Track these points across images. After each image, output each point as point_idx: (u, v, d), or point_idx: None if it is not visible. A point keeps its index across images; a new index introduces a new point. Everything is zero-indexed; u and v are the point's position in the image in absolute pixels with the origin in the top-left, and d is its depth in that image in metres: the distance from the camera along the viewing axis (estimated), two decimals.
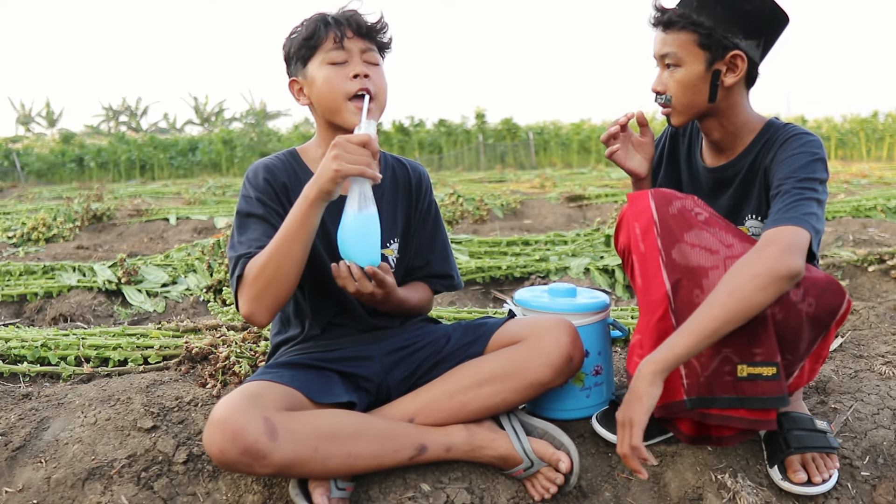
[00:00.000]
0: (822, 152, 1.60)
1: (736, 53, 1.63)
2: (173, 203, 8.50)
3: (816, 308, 1.53)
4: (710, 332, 1.42)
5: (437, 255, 1.89)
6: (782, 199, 1.53)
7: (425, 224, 1.88)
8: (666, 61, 1.68)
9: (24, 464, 1.68)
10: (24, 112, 37.14)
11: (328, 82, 1.65)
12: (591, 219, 6.22)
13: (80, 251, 4.78)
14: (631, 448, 1.42)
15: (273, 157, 1.75)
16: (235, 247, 1.62)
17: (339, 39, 1.64)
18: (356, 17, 1.67)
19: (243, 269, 1.56)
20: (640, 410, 1.42)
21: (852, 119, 19.45)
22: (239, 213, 1.68)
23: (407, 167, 1.87)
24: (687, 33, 1.63)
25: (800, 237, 1.45)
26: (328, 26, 1.65)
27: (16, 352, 2.43)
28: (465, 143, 19.45)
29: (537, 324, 1.71)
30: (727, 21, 1.61)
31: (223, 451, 1.38)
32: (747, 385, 1.51)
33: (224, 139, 19.39)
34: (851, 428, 1.84)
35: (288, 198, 1.68)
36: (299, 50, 1.68)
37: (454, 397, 1.65)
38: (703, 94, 1.67)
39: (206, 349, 2.24)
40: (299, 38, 1.68)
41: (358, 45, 1.66)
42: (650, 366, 1.44)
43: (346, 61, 1.65)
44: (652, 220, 1.59)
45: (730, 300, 1.42)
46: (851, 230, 4.77)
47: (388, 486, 1.59)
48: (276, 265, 1.51)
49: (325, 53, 1.65)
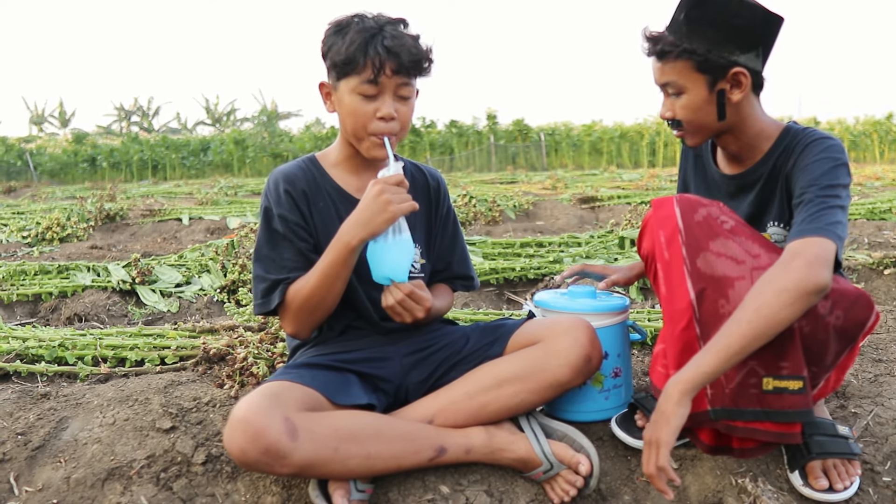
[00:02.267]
0: (843, 156, 1.58)
1: (737, 71, 1.59)
2: (186, 203, 8.54)
3: (844, 321, 1.51)
4: (737, 349, 1.39)
5: (457, 258, 1.91)
6: (806, 208, 1.50)
7: (445, 228, 1.89)
8: (668, 90, 1.66)
9: (44, 463, 1.69)
10: (37, 112, 37.38)
11: (353, 113, 1.63)
12: (604, 220, 6.20)
13: (93, 251, 4.80)
14: (657, 469, 1.40)
15: (293, 164, 1.75)
16: (266, 264, 1.68)
17: (375, 76, 1.58)
18: (400, 50, 1.57)
19: (283, 295, 1.65)
20: (668, 431, 1.39)
21: (865, 121, 19.37)
22: (265, 223, 1.70)
23: (426, 173, 1.89)
24: (682, 61, 1.60)
25: (826, 249, 1.42)
26: (367, 56, 1.57)
27: (33, 351, 2.44)
28: (477, 144, 19.47)
29: (555, 324, 1.71)
30: (721, 41, 1.57)
31: (244, 450, 1.38)
32: (773, 398, 1.48)
33: (236, 139, 19.49)
34: (872, 433, 1.83)
35: (308, 206, 1.70)
36: (334, 64, 1.62)
37: (474, 398, 1.65)
38: (712, 115, 1.64)
39: (223, 350, 2.24)
40: (337, 51, 1.60)
41: (394, 82, 1.60)
42: (678, 385, 1.41)
43: (377, 96, 1.61)
44: (677, 227, 1.57)
45: (757, 317, 1.39)
46: (866, 233, 4.74)
47: (408, 489, 1.59)
48: (320, 298, 1.62)
49: (358, 82, 1.60)
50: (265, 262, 1.68)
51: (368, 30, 1.58)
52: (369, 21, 1.61)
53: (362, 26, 1.59)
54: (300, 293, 1.63)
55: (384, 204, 1.52)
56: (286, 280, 1.65)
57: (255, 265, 1.70)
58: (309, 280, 1.62)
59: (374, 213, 1.53)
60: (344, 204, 1.73)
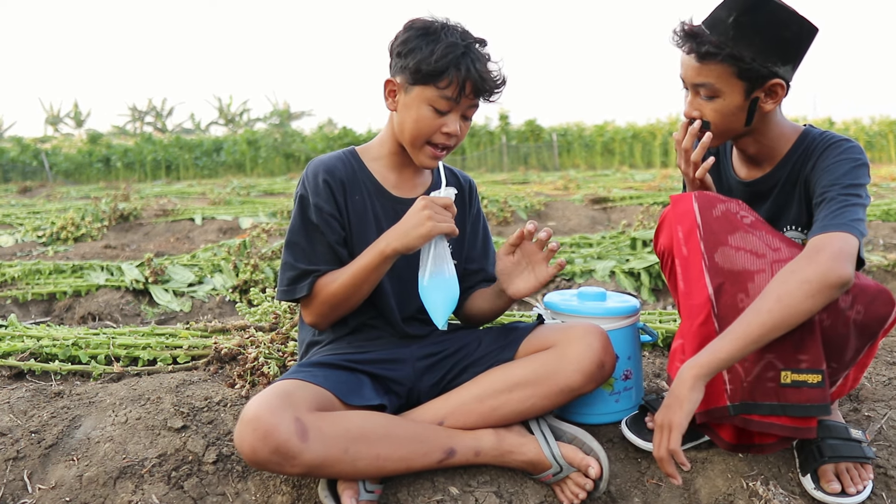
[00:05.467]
0: (863, 157, 1.58)
1: (776, 82, 1.58)
2: (198, 203, 8.58)
3: (865, 316, 1.51)
4: (755, 337, 1.40)
5: (490, 262, 1.91)
6: (828, 205, 1.50)
7: (476, 231, 1.89)
8: (701, 91, 1.62)
9: (57, 461, 1.70)
10: (52, 113, 37.72)
11: (420, 121, 1.63)
12: (616, 221, 6.18)
13: (107, 250, 4.83)
14: (668, 451, 1.40)
15: (333, 155, 1.76)
16: (296, 252, 1.69)
17: (457, 96, 1.59)
18: (487, 76, 1.60)
19: (311, 287, 1.67)
20: (681, 414, 1.40)
21: (881, 121, 19.19)
22: (300, 211, 1.70)
23: (458, 177, 1.89)
24: (725, 66, 1.56)
25: (850, 244, 1.42)
26: (458, 73, 1.57)
27: (47, 350, 2.46)
28: (489, 145, 19.46)
29: (569, 329, 1.70)
30: (766, 51, 1.54)
31: (254, 449, 1.39)
32: (791, 392, 1.48)
33: (248, 140, 19.57)
34: (886, 436, 1.81)
35: (345, 196, 1.71)
36: (416, 70, 1.59)
37: (485, 402, 1.64)
38: (741, 121, 1.63)
39: (234, 350, 2.25)
40: (424, 58, 1.57)
41: (467, 102, 1.63)
42: (692, 370, 1.42)
43: (449, 112, 1.62)
44: (695, 222, 1.57)
45: (778, 306, 1.39)
46: (881, 234, 4.70)
47: (417, 489, 1.59)
48: (346, 296, 1.65)
49: (436, 95, 1.60)
50: (295, 251, 1.69)
51: (458, 46, 1.57)
52: (457, 35, 1.60)
53: (453, 40, 1.58)
54: (327, 288, 1.65)
55: (424, 219, 1.53)
56: (316, 272, 1.67)
57: (285, 251, 1.71)
58: (339, 277, 1.64)
59: (412, 225, 1.55)
60: (380, 199, 1.73)
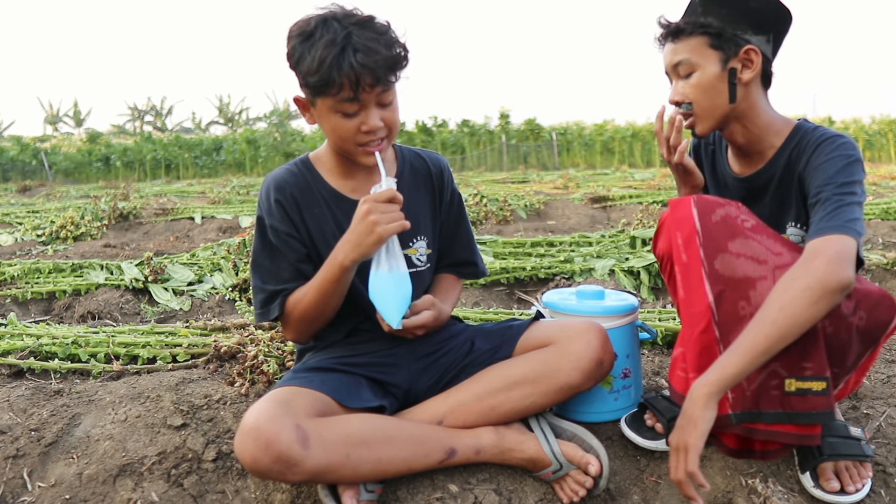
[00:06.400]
0: (856, 153, 1.57)
1: (749, 48, 1.63)
2: (198, 202, 8.58)
3: (868, 322, 1.50)
4: (762, 350, 1.39)
5: (459, 242, 1.88)
6: (823, 206, 1.49)
7: (449, 214, 1.86)
8: (679, 70, 1.68)
9: (57, 459, 1.70)
10: (52, 112, 37.68)
11: (336, 130, 1.56)
12: (616, 220, 6.18)
13: (107, 249, 4.83)
14: (687, 474, 1.38)
15: (284, 169, 1.70)
16: (262, 274, 1.68)
17: (355, 94, 1.48)
18: (375, 63, 1.46)
19: (282, 307, 1.66)
20: (696, 435, 1.38)
21: (881, 120, 19.18)
22: (260, 232, 1.68)
23: (426, 160, 1.84)
24: (697, 37, 1.65)
25: (847, 246, 1.41)
26: (341, 73, 1.45)
27: (47, 348, 2.46)
28: (488, 144, 19.45)
29: (567, 327, 1.70)
30: (734, 19, 1.63)
31: (256, 459, 1.37)
32: (796, 400, 1.46)
33: (248, 139, 19.57)
34: (885, 434, 1.81)
35: (300, 213, 1.67)
36: (306, 85, 1.52)
37: (484, 400, 1.64)
38: (723, 95, 1.66)
39: (234, 348, 2.26)
40: (307, 67, 1.48)
41: (374, 93, 1.51)
42: (703, 388, 1.40)
43: (359, 111, 1.53)
44: (694, 229, 1.55)
45: (781, 315, 1.38)
46: (881, 233, 4.70)
47: (416, 487, 1.59)
48: (318, 311, 1.63)
49: (335, 101, 1.50)
50: (261, 272, 1.68)
51: (337, 42, 1.45)
52: (335, 26, 1.47)
53: (329, 37, 1.45)
54: (298, 305, 1.64)
55: (371, 225, 1.47)
56: (283, 291, 1.65)
57: (252, 274, 1.70)
58: (306, 294, 1.62)
59: (361, 234, 1.49)
60: (340, 207, 1.69)
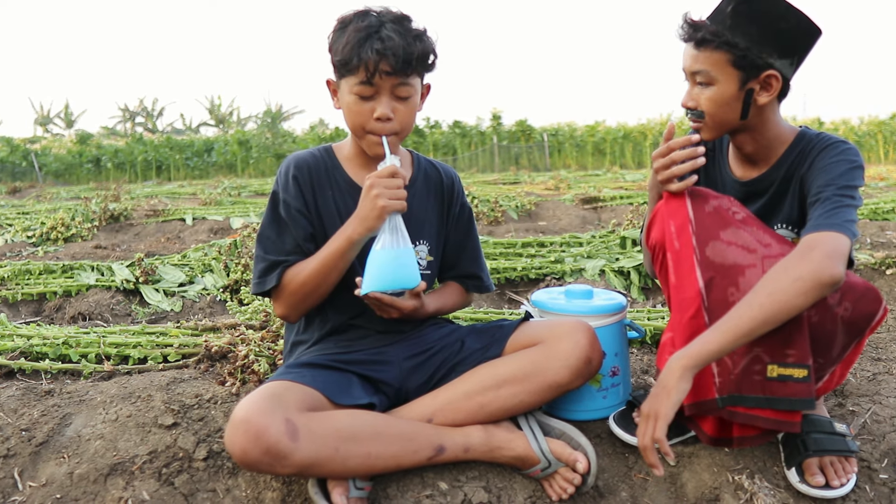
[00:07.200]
0: (859, 160, 1.60)
1: (770, 73, 1.60)
2: (189, 203, 8.56)
3: (853, 313, 1.54)
4: (745, 331, 1.42)
5: (466, 256, 1.92)
6: (823, 205, 1.52)
7: (458, 226, 1.90)
8: (697, 78, 1.64)
9: (48, 459, 1.71)
10: (42, 113, 37.54)
11: (351, 113, 1.65)
12: (606, 221, 6.21)
13: (98, 251, 4.82)
14: (653, 441, 1.42)
15: (308, 152, 1.79)
16: (266, 245, 1.72)
17: (370, 77, 1.57)
18: (391, 51, 1.55)
19: (280, 278, 1.69)
20: (668, 404, 1.41)
21: (870, 121, 19.31)
22: (272, 205, 1.74)
23: (440, 171, 1.90)
24: (721, 53, 1.59)
25: (842, 244, 1.44)
26: (360, 57, 1.55)
27: (38, 349, 2.46)
28: (480, 145, 19.47)
29: (556, 326, 1.71)
30: (762, 41, 1.57)
31: (245, 451, 1.39)
32: (776, 385, 1.51)
33: (239, 140, 19.53)
34: (870, 431, 1.83)
35: (314, 194, 1.73)
36: (334, 65, 1.64)
37: (473, 398, 1.66)
38: (736, 112, 1.64)
39: (225, 348, 2.26)
40: (336, 49, 1.61)
41: (389, 82, 1.59)
42: (681, 360, 1.43)
43: (374, 96, 1.61)
44: (688, 217, 1.59)
45: (769, 301, 1.41)
46: (869, 233, 4.73)
47: (406, 485, 1.60)
48: (314, 285, 1.66)
49: (354, 82, 1.60)
50: (265, 243, 1.72)
51: (366, 28, 1.56)
52: (371, 18, 1.59)
53: (361, 24, 1.57)
54: (296, 278, 1.67)
55: (374, 198, 1.54)
56: (284, 263, 1.69)
57: (256, 245, 1.74)
58: (307, 266, 1.66)
59: (367, 209, 1.57)
60: (353, 195, 1.73)
